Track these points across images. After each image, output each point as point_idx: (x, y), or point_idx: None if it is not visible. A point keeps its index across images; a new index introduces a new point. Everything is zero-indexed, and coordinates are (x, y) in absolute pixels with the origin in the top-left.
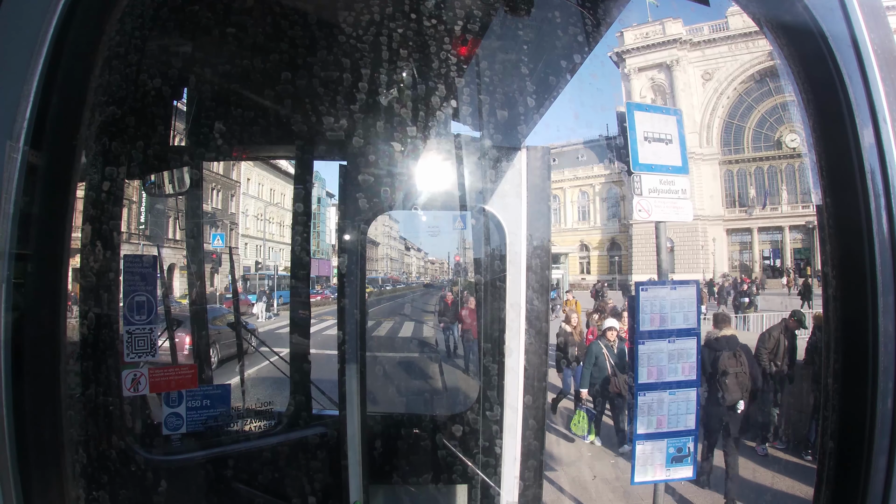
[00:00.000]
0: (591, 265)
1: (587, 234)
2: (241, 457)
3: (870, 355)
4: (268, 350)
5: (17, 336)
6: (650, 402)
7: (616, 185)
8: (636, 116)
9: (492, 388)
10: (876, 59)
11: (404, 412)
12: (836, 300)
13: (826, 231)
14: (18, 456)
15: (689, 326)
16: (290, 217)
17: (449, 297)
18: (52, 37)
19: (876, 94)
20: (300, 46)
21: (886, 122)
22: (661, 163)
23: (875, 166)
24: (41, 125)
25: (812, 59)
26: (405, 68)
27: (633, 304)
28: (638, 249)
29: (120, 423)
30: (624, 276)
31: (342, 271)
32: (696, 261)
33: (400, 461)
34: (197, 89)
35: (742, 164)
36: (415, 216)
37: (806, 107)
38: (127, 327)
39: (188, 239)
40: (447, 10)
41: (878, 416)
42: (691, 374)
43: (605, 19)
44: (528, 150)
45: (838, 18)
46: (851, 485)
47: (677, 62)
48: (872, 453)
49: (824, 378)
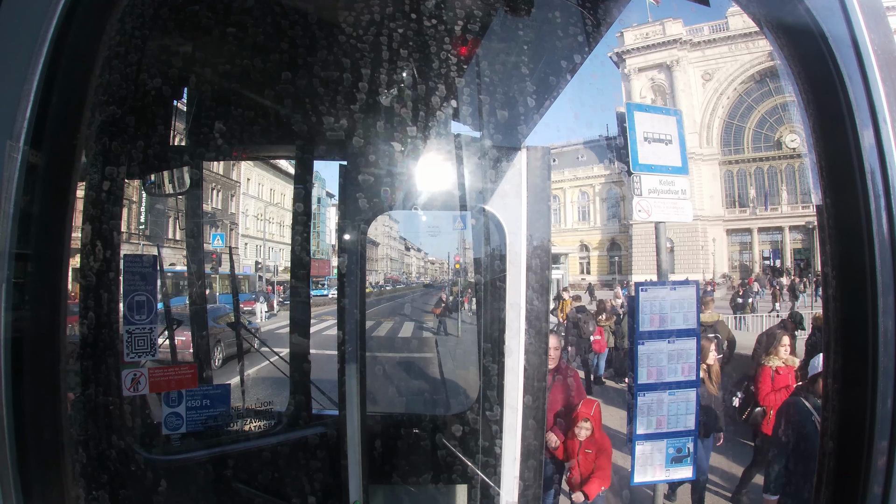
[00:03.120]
0: (591, 265)
1: (587, 235)
2: (241, 457)
3: (869, 356)
4: (268, 350)
5: (17, 336)
6: (650, 403)
7: (616, 186)
8: (636, 117)
9: (492, 388)
10: (876, 59)
11: (404, 412)
12: (836, 300)
13: (826, 231)
14: (18, 456)
15: (688, 327)
16: (290, 217)
17: (444, 295)
18: (52, 37)
19: (876, 94)
20: (300, 46)
21: (886, 122)
22: (661, 163)
23: (875, 167)
24: (41, 125)
25: (812, 60)
26: (405, 68)
27: (632, 304)
28: (638, 250)
29: (120, 422)
30: (624, 277)
31: (342, 271)
32: (695, 261)
33: (400, 461)
34: (197, 89)
35: (742, 164)
36: (415, 216)
37: (806, 107)
38: (127, 327)
39: (188, 239)
40: (447, 10)
41: (878, 416)
42: (691, 374)
43: (606, 19)
44: (529, 150)
45: (838, 19)
46: (851, 485)
47: (677, 62)
48: (872, 453)
49: (824, 378)
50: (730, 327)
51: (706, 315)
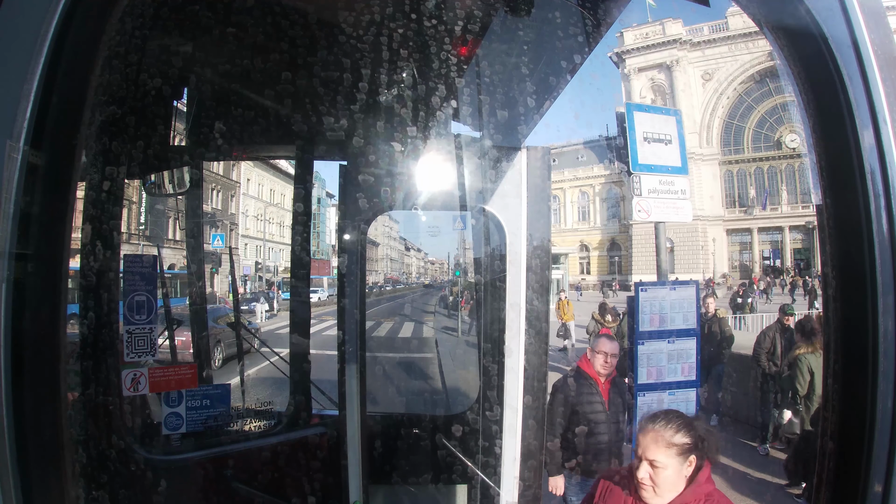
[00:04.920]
0: (591, 265)
1: (587, 235)
2: (241, 457)
3: (869, 356)
4: (268, 350)
5: (17, 336)
6: (650, 403)
7: (616, 186)
8: (636, 117)
9: (492, 388)
10: (876, 60)
11: (404, 412)
12: (836, 300)
13: (826, 232)
14: (18, 456)
15: (688, 327)
16: (290, 217)
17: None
18: (52, 37)
19: (876, 95)
20: (300, 46)
21: (886, 123)
22: (661, 163)
23: (875, 167)
24: (41, 125)
25: (812, 61)
26: (405, 68)
27: (632, 304)
28: (638, 250)
29: (120, 422)
30: (624, 277)
31: (342, 271)
32: (695, 261)
33: (400, 461)
34: (197, 89)
35: (742, 164)
36: (415, 216)
37: (806, 108)
38: (127, 327)
39: (188, 239)
40: (447, 10)
41: (878, 416)
42: (691, 374)
43: (606, 20)
44: (529, 150)
45: (838, 20)
46: (851, 485)
47: (677, 62)
48: (872, 454)
49: (824, 378)
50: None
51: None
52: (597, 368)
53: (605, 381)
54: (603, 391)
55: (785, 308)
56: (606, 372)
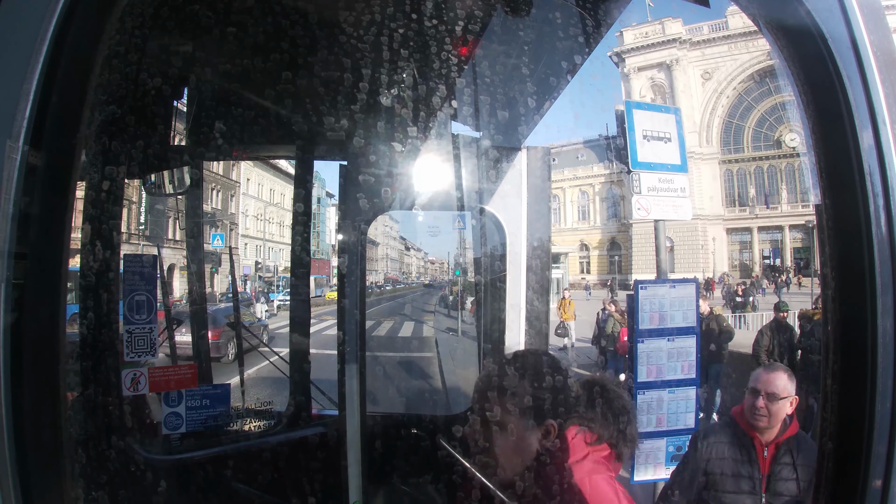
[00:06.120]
0: (591, 265)
1: (587, 234)
2: (241, 456)
3: (869, 356)
4: (268, 350)
5: (16, 336)
6: (649, 401)
7: (616, 185)
8: (635, 115)
9: None
10: (875, 60)
11: (404, 412)
12: (836, 300)
13: (825, 232)
14: (18, 456)
15: (688, 325)
16: (289, 217)
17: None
18: (52, 37)
19: (875, 95)
20: (300, 46)
21: (886, 123)
22: (660, 161)
23: (874, 167)
24: (41, 125)
25: (811, 60)
26: (405, 68)
27: (632, 302)
28: (638, 249)
29: (120, 422)
30: (624, 276)
31: (342, 271)
32: (695, 260)
33: (400, 461)
34: (197, 89)
35: (742, 163)
36: (415, 216)
37: (805, 108)
38: (127, 327)
39: (188, 239)
40: (447, 10)
41: (878, 416)
42: (690, 372)
43: (606, 20)
44: (528, 150)
45: (838, 19)
46: (850, 486)
47: (677, 62)
48: (871, 454)
49: (823, 378)
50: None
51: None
52: (749, 419)
53: (766, 442)
54: (761, 459)
55: (779, 305)
56: (766, 425)
